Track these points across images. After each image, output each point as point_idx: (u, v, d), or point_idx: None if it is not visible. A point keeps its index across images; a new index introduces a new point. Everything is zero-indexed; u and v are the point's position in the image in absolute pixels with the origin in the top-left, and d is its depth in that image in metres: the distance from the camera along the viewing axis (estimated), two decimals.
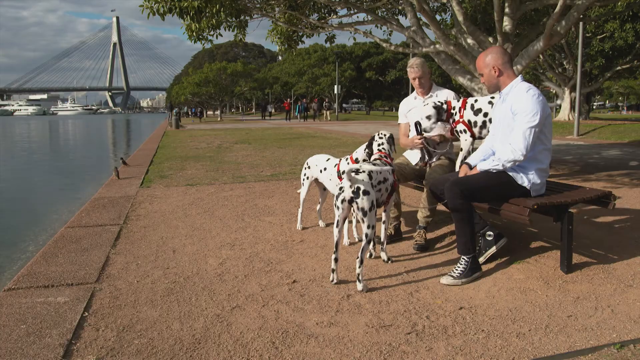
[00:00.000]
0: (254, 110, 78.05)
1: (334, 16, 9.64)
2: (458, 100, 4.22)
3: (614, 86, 58.46)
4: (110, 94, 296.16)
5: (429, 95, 4.56)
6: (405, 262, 3.81)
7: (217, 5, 7.27)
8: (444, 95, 4.52)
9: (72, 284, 3.40)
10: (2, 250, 6.00)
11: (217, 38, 8.68)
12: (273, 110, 55.39)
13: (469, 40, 7.55)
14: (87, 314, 2.93)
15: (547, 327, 2.69)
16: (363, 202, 3.20)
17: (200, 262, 3.87)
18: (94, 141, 30.52)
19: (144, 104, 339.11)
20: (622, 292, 3.12)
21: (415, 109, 4.58)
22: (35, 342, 2.58)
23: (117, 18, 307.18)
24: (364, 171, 3.37)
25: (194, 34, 8.04)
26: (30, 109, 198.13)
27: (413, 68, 4.48)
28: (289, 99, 41.37)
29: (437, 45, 7.68)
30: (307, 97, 40.42)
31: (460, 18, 7.39)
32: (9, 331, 2.70)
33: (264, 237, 4.55)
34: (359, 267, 3.21)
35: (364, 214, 3.20)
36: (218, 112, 50.93)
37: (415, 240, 4.20)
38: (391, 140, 4.01)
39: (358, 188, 3.22)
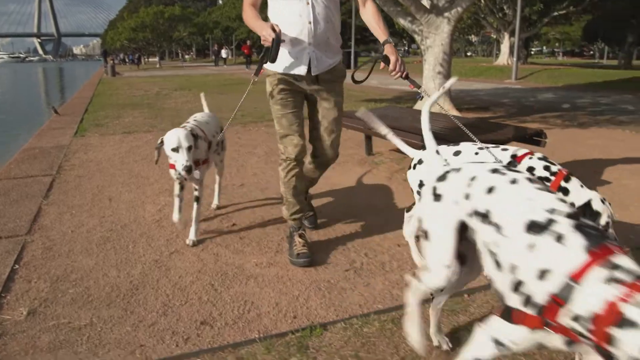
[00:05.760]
0: (194, 55, 74.82)
1: None
2: None
3: (551, 32, 59.89)
4: (39, 40, 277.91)
5: None
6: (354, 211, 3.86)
7: None
8: None
9: (1, 237, 3.26)
10: None
11: None
12: (229, 57, 49.01)
13: None
14: (17, 266, 2.82)
15: None
16: None
17: (138, 209, 3.78)
18: (24, 91, 28.72)
19: (77, 51, 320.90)
20: None
21: None
22: None
23: None
24: None
25: None
26: None
27: None
28: (248, 42, 36.55)
29: None
30: (249, 42, 37.76)
31: None
32: None
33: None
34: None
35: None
36: (157, 59, 48.68)
37: (297, 253, 2.78)
38: None
39: None
